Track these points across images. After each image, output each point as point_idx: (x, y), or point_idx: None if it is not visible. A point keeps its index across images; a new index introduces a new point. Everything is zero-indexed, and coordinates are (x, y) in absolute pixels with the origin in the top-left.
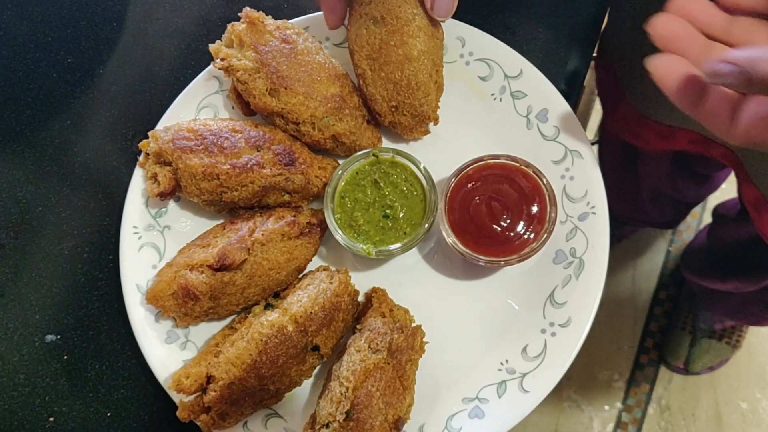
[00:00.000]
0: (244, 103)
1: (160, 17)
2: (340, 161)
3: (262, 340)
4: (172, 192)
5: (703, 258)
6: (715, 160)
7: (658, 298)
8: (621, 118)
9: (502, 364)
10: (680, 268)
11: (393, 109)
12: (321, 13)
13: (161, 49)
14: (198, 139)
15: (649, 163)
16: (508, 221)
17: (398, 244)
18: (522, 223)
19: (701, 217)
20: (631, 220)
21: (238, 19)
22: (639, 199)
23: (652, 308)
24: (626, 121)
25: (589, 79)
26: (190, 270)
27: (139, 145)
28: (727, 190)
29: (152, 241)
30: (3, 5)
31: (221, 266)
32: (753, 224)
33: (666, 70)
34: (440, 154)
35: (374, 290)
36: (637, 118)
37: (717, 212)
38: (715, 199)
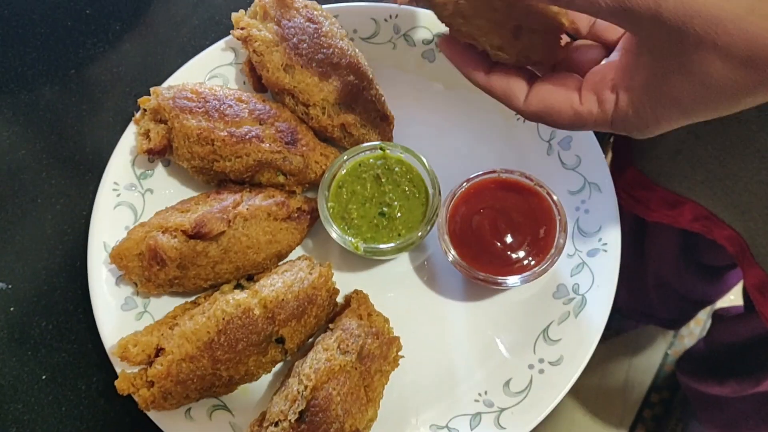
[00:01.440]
0: (256, 77)
1: None
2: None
3: (223, 319)
4: (161, 151)
5: (699, 360)
6: (719, 245)
7: (650, 400)
8: (627, 183)
9: (480, 394)
10: (675, 372)
11: (516, 33)
12: (355, 4)
13: (184, 16)
14: (200, 102)
15: (655, 244)
16: (512, 240)
17: (389, 244)
18: (526, 244)
19: (705, 325)
20: (634, 312)
21: None
22: (644, 286)
23: (642, 410)
24: (632, 186)
25: None
26: (162, 232)
27: (139, 100)
28: (736, 300)
29: (130, 201)
30: None
31: (196, 233)
32: (753, 320)
33: (452, 43)
34: (453, 166)
35: (355, 292)
36: (643, 183)
37: (717, 314)
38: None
